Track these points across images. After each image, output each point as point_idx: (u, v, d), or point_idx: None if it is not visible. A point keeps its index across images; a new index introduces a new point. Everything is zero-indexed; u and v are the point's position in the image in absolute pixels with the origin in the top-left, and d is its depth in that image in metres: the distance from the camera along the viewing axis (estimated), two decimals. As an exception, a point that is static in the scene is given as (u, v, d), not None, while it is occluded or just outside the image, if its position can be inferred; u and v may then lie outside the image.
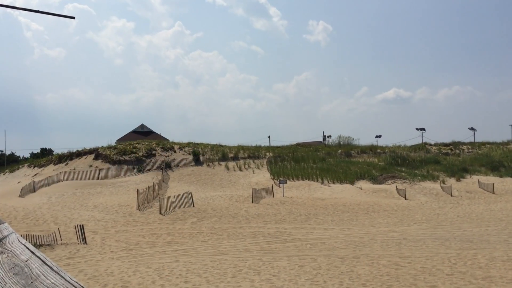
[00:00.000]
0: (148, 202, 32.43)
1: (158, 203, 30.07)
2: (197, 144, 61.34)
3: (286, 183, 41.05)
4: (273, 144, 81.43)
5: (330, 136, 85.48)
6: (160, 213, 28.34)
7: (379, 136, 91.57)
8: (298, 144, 78.20)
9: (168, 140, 72.88)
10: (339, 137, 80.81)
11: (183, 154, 55.50)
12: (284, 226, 25.35)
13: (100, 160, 53.54)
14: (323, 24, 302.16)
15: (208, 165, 52.33)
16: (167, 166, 51.61)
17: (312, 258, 17.15)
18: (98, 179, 47.41)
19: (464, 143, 77.10)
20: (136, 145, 57.52)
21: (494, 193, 42.39)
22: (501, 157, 62.15)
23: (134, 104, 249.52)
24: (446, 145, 74.32)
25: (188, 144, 60.77)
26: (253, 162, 54.01)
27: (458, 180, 49.18)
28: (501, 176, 51.96)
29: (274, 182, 44.31)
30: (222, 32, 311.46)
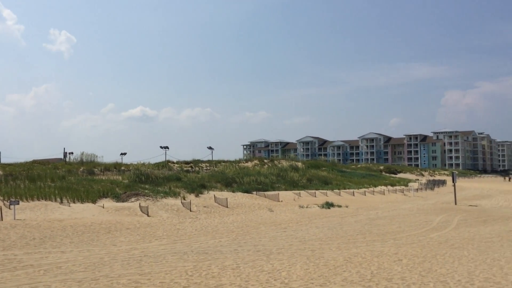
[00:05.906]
0: None
1: None
2: None
3: (18, 204, 36.88)
4: (5, 161, 73.07)
5: (72, 153, 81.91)
6: None
7: (124, 154, 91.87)
8: (34, 161, 71.62)
9: None
10: (82, 154, 77.72)
11: None
12: (14, 253, 22.65)
13: None
14: (66, 34, 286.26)
15: None
16: None
17: (45, 285, 15.74)
18: None
19: (203, 161, 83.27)
20: None
21: (227, 207, 46.63)
22: (234, 174, 69.24)
23: None
24: (187, 162, 78.88)
25: None
26: (-22, 181, 47.00)
27: (197, 196, 52.42)
28: (233, 191, 57.65)
29: (4, 204, 39.34)
30: None
